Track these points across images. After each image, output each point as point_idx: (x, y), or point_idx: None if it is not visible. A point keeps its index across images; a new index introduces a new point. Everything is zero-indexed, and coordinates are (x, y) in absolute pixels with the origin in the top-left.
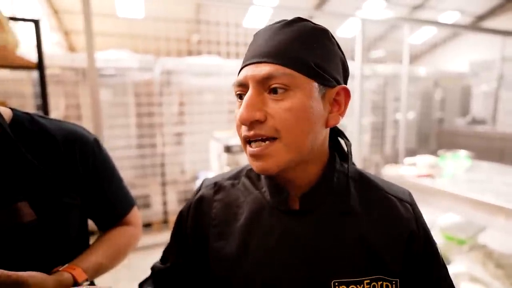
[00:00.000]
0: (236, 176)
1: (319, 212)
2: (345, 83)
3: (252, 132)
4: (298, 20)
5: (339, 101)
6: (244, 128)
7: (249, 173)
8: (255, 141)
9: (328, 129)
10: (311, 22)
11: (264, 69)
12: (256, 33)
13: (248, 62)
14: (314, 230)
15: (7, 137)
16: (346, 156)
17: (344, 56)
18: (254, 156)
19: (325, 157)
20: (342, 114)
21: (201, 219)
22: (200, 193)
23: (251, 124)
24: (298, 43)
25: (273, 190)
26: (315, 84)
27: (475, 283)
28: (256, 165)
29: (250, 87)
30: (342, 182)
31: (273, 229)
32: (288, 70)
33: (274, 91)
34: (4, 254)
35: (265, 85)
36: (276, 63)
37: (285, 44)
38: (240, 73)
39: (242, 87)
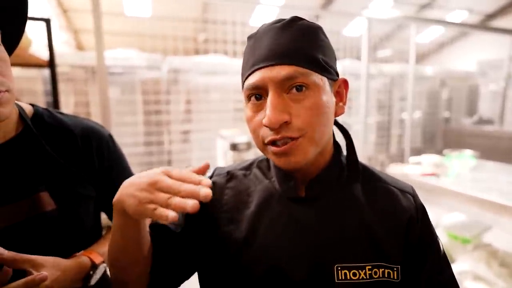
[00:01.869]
0: (248, 167)
1: (324, 200)
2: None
3: (279, 135)
4: (297, 19)
5: (341, 92)
6: (268, 131)
7: (260, 164)
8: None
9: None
10: (306, 20)
11: (282, 70)
12: (255, 35)
13: (261, 65)
14: (319, 217)
15: (29, 130)
16: (343, 145)
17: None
18: (280, 154)
19: (330, 148)
20: (345, 103)
21: (211, 204)
22: (212, 180)
23: (280, 126)
24: (305, 41)
25: (281, 178)
26: (326, 79)
27: (479, 281)
28: (282, 162)
29: (270, 90)
30: (346, 171)
31: (280, 216)
32: (304, 70)
33: (297, 89)
34: (27, 241)
35: (284, 86)
36: (292, 64)
37: (294, 43)
38: (252, 76)
39: (257, 90)
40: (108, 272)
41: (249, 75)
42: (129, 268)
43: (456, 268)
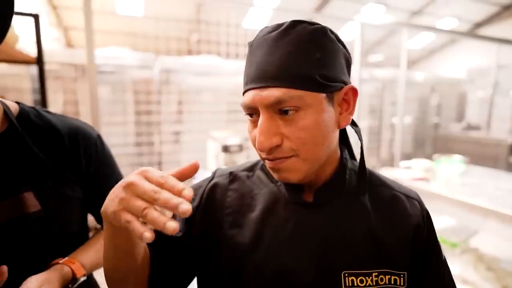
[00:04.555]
0: (250, 169)
1: (332, 206)
2: (349, 73)
3: (271, 156)
4: (294, 24)
5: (348, 100)
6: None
7: (264, 167)
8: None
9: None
10: (307, 23)
11: (272, 94)
12: (253, 46)
13: (253, 86)
14: (327, 223)
15: (14, 129)
16: (351, 152)
17: (345, 47)
18: (274, 169)
19: (337, 154)
20: (351, 112)
21: (214, 206)
22: (214, 181)
23: (270, 149)
24: (299, 56)
25: (288, 184)
26: (323, 96)
27: (467, 285)
28: (276, 176)
29: (261, 112)
30: (353, 178)
31: (287, 221)
32: (296, 92)
33: (288, 111)
34: (9, 244)
35: (275, 108)
36: (283, 87)
37: (287, 60)
38: (246, 95)
39: (250, 110)
40: (86, 279)
41: (244, 92)
42: (125, 279)
43: None
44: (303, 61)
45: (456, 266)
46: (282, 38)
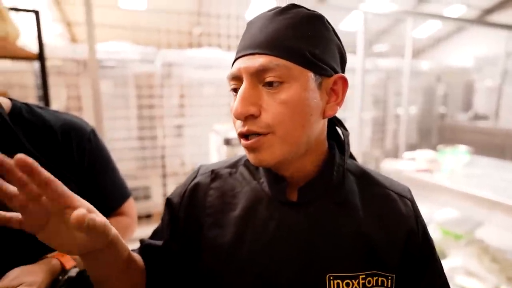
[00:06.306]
0: (233, 165)
1: (317, 205)
2: (343, 70)
3: (246, 128)
4: (292, 7)
5: (336, 91)
6: (238, 123)
7: (247, 163)
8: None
9: (325, 120)
10: (305, 8)
11: (258, 60)
12: (249, 22)
13: (241, 54)
14: (311, 223)
15: (6, 126)
16: (343, 147)
17: (341, 43)
18: (249, 148)
19: (324, 148)
20: (339, 103)
21: (195, 206)
22: (196, 180)
23: (246, 118)
24: (292, 31)
25: (271, 180)
26: (311, 74)
27: (471, 277)
28: (251, 157)
29: (244, 80)
30: (341, 175)
31: (269, 221)
32: (282, 61)
33: (269, 84)
34: (2, 243)
35: (260, 77)
36: (270, 54)
37: (279, 33)
38: (234, 65)
39: (236, 80)
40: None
41: (233, 64)
42: None
43: (448, 263)
44: (295, 35)
45: (460, 258)
46: (279, 15)
